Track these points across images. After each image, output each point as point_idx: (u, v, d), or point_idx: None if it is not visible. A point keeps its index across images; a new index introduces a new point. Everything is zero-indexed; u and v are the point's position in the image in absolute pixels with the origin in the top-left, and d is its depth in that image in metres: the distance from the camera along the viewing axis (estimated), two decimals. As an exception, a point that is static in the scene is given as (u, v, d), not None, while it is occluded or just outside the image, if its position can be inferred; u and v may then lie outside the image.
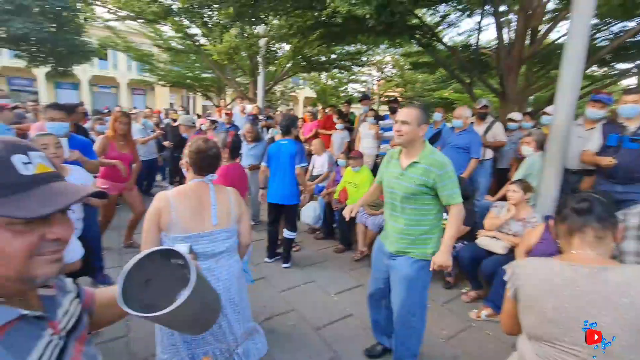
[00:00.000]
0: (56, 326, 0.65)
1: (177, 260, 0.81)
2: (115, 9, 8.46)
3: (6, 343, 0.53)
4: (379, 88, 18.60)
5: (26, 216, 0.51)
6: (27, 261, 0.55)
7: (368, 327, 2.70)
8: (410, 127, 1.87)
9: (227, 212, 1.66)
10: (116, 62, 24.48)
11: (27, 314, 0.57)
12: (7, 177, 0.52)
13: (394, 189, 1.99)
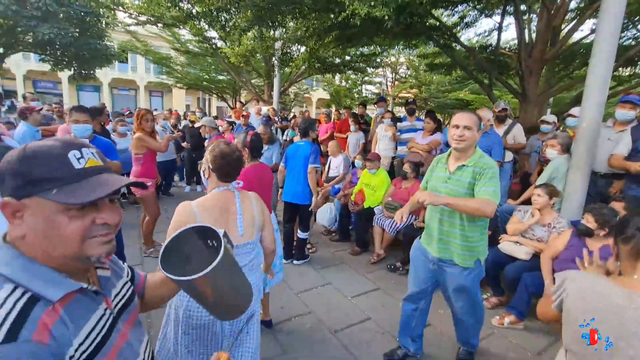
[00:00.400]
0: (109, 303, 0.74)
1: (212, 240, 0.85)
2: (136, 13, 8.68)
3: (68, 309, 0.63)
4: (393, 89, 18.45)
5: (75, 202, 0.60)
6: (82, 242, 0.63)
7: (386, 331, 2.68)
8: (472, 132, 1.87)
9: (251, 221, 1.59)
10: (135, 65, 25.16)
11: (87, 288, 0.67)
12: (64, 171, 0.61)
13: (439, 192, 1.96)
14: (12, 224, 0.62)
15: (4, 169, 0.61)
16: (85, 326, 0.65)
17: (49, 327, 0.58)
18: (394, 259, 3.97)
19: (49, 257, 0.63)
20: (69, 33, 12.37)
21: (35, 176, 0.59)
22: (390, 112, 5.58)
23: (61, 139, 0.65)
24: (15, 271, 0.59)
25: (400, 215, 2.13)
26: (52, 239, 0.61)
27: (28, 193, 0.60)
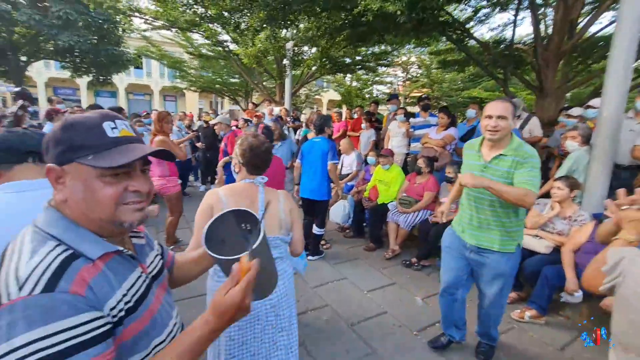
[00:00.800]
0: (145, 268, 0.80)
1: (246, 224, 0.89)
2: (152, 19, 8.93)
3: (109, 266, 0.68)
4: (404, 89, 18.32)
5: (107, 165, 0.64)
6: (115, 207, 0.67)
7: (404, 324, 2.67)
8: (507, 121, 1.81)
9: (276, 219, 1.54)
10: (150, 71, 25.76)
11: (124, 251, 0.72)
12: (99, 139, 0.66)
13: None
14: (56, 189, 0.67)
15: (48, 139, 0.67)
16: (125, 282, 0.70)
17: (88, 280, 0.61)
18: (409, 255, 3.94)
19: (88, 220, 0.68)
20: (88, 40, 12.80)
21: (75, 143, 0.65)
22: (403, 108, 5.55)
23: (98, 112, 0.70)
24: (59, 231, 0.65)
25: (441, 213, 2.18)
26: (89, 202, 0.66)
27: (68, 159, 0.65)
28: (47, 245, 0.62)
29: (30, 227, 0.67)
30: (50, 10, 11.96)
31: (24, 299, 0.54)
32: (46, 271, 0.58)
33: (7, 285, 0.56)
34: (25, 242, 0.63)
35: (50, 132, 0.67)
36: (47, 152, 0.67)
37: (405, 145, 5.24)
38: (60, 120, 0.68)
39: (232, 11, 6.16)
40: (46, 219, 0.66)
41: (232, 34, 8.94)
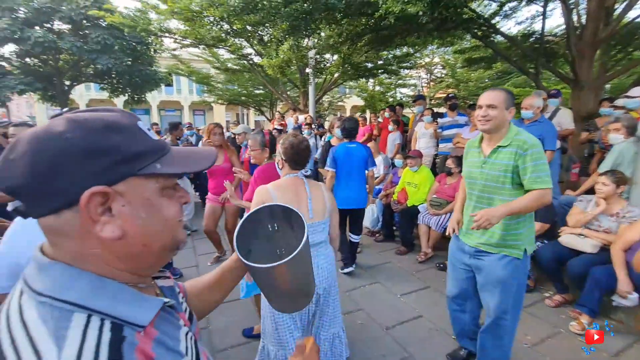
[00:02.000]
0: (185, 319, 0.59)
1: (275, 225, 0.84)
2: (180, 38, 9.40)
3: (160, 328, 0.49)
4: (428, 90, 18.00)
5: (188, 170, 0.51)
6: (176, 226, 0.53)
7: (441, 329, 2.60)
8: (498, 110, 1.73)
9: (322, 206, 1.75)
10: (180, 87, 27.12)
11: (166, 302, 0.52)
12: (147, 142, 0.48)
13: (475, 178, 1.88)
14: (99, 223, 0.44)
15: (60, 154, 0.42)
16: (180, 345, 0.51)
17: (152, 356, 0.44)
18: (442, 257, 3.84)
19: (141, 256, 0.49)
20: (123, 62, 13.72)
21: (129, 150, 0.45)
22: (430, 109, 5.47)
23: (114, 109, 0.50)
24: (85, 294, 0.43)
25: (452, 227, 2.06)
26: (156, 227, 0.49)
27: (122, 174, 0.45)
28: (74, 321, 0.41)
29: (27, 296, 0.43)
30: (90, 36, 12.95)
31: None
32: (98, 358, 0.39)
33: None
34: (31, 325, 0.40)
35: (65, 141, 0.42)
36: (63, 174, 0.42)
37: (433, 146, 5.15)
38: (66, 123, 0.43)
39: (255, 25, 6.38)
40: (54, 280, 0.44)
41: (256, 46, 9.22)
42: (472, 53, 8.91)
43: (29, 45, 12.19)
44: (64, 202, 0.43)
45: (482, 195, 1.86)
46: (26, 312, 0.42)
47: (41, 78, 13.66)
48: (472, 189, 1.92)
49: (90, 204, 0.43)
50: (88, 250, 0.46)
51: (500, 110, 1.73)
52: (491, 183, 1.80)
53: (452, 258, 2.13)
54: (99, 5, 12.14)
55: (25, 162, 0.41)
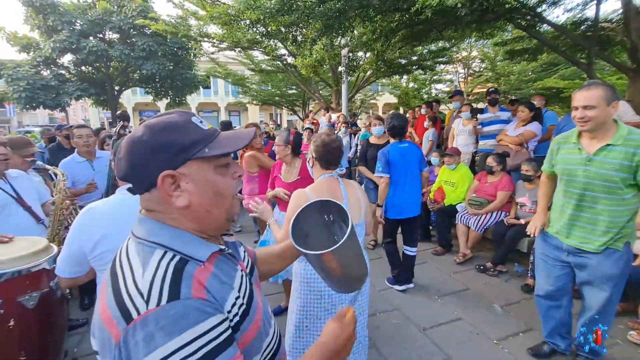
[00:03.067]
0: (243, 266, 0.76)
1: (330, 215, 0.91)
2: (218, 42, 9.79)
3: (218, 266, 0.65)
4: (466, 86, 17.25)
5: (227, 150, 0.64)
6: (232, 199, 0.68)
7: (482, 332, 2.51)
8: (597, 110, 1.65)
9: (357, 206, 1.72)
10: (217, 89, 28.28)
11: (225, 249, 0.70)
12: (199, 132, 0.64)
13: (577, 177, 1.80)
14: (172, 197, 0.62)
15: (145, 150, 0.61)
16: (235, 281, 0.67)
17: (204, 283, 0.59)
18: (482, 259, 3.69)
19: (205, 220, 0.65)
20: (166, 67, 14.54)
21: (184, 142, 0.61)
22: (469, 105, 5.25)
23: (174, 111, 0.67)
24: (164, 238, 0.62)
25: (534, 228, 2.03)
26: (213, 198, 0.65)
27: (182, 160, 0.61)
28: (156, 254, 0.60)
29: (131, 239, 0.65)
30: (136, 44, 13.86)
31: (153, 311, 0.52)
32: (165, 280, 0.56)
33: (133, 300, 0.54)
34: (132, 255, 0.61)
35: (134, 144, 0.61)
36: (143, 165, 0.61)
37: (472, 143, 4.93)
38: (140, 128, 0.63)
39: (290, 26, 6.48)
40: (147, 229, 0.63)
41: (290, 47, 9.38)
42: (515, 44, 8.40)
43: (84, 55, 13.29)
44: (151, 184, 0.61)
45: (584, 194, 1.80)
46: (129, 248, 0.63)
47: (94, 84, 14.85)
48: (571, 187, 1.85)
49: (164, 183, 0.61)
50: (169, 215, 0.64)
51: (599, 109, 1.66)
52: (598, 182, 1.73)
53: (544, 255, 2.08)
54: (144, 15, 12.96)
55: (125, 159, 0.63)
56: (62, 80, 14.26)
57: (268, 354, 0.73)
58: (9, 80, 13.00)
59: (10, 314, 1.33)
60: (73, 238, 1.25)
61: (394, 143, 3.07)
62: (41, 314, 1.40)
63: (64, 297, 1.53)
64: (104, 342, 0.56)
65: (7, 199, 1.82)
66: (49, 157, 4.48)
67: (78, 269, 1.27)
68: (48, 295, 1.42)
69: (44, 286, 1.41)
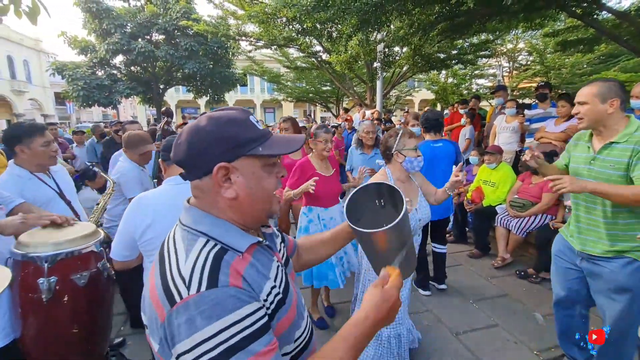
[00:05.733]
0: (279, 257, 0.79)
1: (382, 200, 0.95)
2: (255, 40, 10.03)
3: (255, 257, 0.68)
4: (510, 80, 16.23)
5: (279, 153, 0.68)
6: (273, 196, 0.71)
7: (519, 340, 2.37)
8: (589, 107, 1.62)
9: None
10: (253, 87, 29.11)
11: (263, 242, 0.72)
12: (255, 131, 0.67)
13: (582, 175, 1.71)
14: (223, 187, 0.65)
15: (209, 139, 0.64)
16: (271, 271, 0.70)
17: (241, 272, 0.62)
18: (522, 264, 3.47)
19: (249, 213, 0.69)
20: (206, 66, 15.18)
21: (242, 138, 0.65)
22: (514, 100, 4.93)
23: (234, 108, 0.71)
24: (207, 227, 0.66)
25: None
26: (257, 194, 0.68)
27: (237, 154, 0.64)
28: (199, 242, 0.64)
29: (178, 226, 0.69)
30: (180, 44, 14.60)
31: (194, 296, 0.56)
32: (205, 268, 0.59)
33: (176, 285, 0.58)
34: (177, 241, 0.66)
35: (199, 133, 0.65)
36: (203, 154, 0.65)
37: (516, 141, 4.64)
38: (204, 119, 0.67)
39: (325, 22, 6.47)
40: (192, 217, 0.68)
41: (325, 44, 9.38)
42: (568, 35, 7.74)
43: (134, 55, 14.25)
44: (205, 171, 0.65)
45: (590, 196, 1.70)
46: (176, 235, 0.68)
47: (142, 83, 15.87)
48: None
49: (218, 174, 0.64)
50: (216, 203, 0.68)
51: (592, 106, 1.61)
52: (602, 182, 1.62)
53: (558, 258, 1.96)
54: (187, 16, 13.61)
55: (184, 145, 0.66)
56: (114, 80, 15.41)
57: (299, 345, 0.74)
58: (69, 80, 14.29)
59: (64, 290, 1.46)
60: (124, 225, 1.37)
61: (427, 141, 2.96)
62: (90, 292, 1.53)
63: (109, 278, 1.65)
64: (152, 320, 0.61)
65: (51, 194, 1.91)
66: (102, 150, 4.88)
67: (129, 253, 1.40)
68: (96, 275, 1.55)
69: (92, 267, 1.54)
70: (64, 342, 1.52)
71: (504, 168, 3.91)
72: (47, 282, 1.41)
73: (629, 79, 10.82)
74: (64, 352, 1.54)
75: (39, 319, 1.47)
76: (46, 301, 1.42)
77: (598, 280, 1.74)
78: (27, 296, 1.44)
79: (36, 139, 1.80)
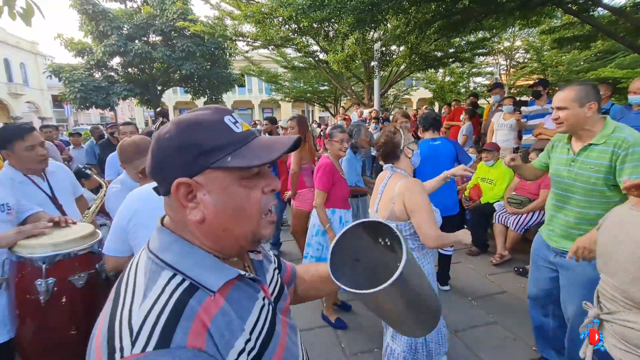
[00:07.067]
0: (267, 291, 0.65)
1: (385, 239, 0.74)
2: (252, 40, 10.03)
3: (230, 299, 0.54)
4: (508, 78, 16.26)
5: (258, 164, 0.52)
6: (259, 217, 0.57)
7: (519, 337, 2.38)
8: (568, 111, 1.62)
9: (388, 202, 1.66)
10: (251, 87, 29.12)
11: (245, 275, 0.58)
12: (229, 136, 0.54)
13: (562, 177, 1.73)
14: (187, 208, 0.54)
15: (166, 148, 0.53)
16: (249, 318, 0.56)
17: (207, 325, 0.49)
18: (521, 261, 3.48)
19: (224, 239, 0.56)
20: (203, 67, 15.16)
21: (206, 145, 0.52)
22: (512, 97, 4.95)
23: (210, 107, 0.58)
24: (174, 257, 0.54)
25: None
26: (234, 215, 0.54)
27: (201, 167, 0.52)
28: (162, 277, 0.51)
29: (144, 251, 0.56)
30: (177, 45, 14.58)
31: (137, 357, 0.44)
32: (160, 318, 0.46)
33: (121, 337, 0.46)
34: (139, 273, 0.53)
35: (160, 140, 0.54)
36: (164, 165, 0.53)
37: (514, 138, 4.65)
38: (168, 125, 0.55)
39: (321, 21, 6.48)
40: (160, 242, 0.56)
41: (321, 43, 9.39)
42: (564, 32, 7.75)
43: (131, 57, 14.22)
44: (167, 188, 0.54)
45: (565, 195, 1.73)
46: (139, 262, 0.56)
47: (139, 85, 15.84)
48: (559, 188, 1.77)
49: (178, 192, 0.53)
50: (186, 226, 0.56)
51: (571, 111, 1.62)
52: (579, 184, 1.65)
53: (534, 254, 1.98)
54: (184, 17, 13.59)
55: (150, 155, 0.56)
56: (111, 82, 15.37)
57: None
58: (66, 82, 14.25)
59: (62, 291, 1.45)
60: (117, 215, 1.37)
61: (425, 139, 2.94)
62: (89, 293, 1.53)
63: (108, 280, 1.65)
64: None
65: (42, 197, 1.87)
66: (99, 152, 4.87)
67: (121, 247, 1.36)
68: (94, 276, 1.55)
69: (90, 267, 1.54)
70: (62, 344, 1.52)
71: (501, 165, 3.92)
72: (44, 284, 1.41)
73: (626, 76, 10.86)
74: (62, 354, 1.53)
75: (36, 321, 1.47)
76: (44, 303, 1.42)
77: (568, 273, 1.74)
78: (25, 297, 1.43)
79: (17, 143, 1.75)
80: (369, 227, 0.73)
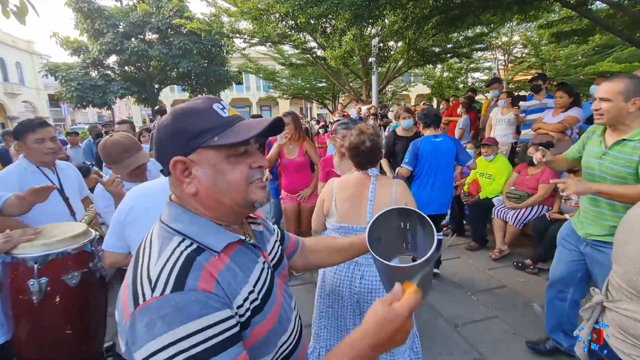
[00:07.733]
0: (266, 257, 0.75)
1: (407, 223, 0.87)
2: (249, 37, 9.96)
3: (234, 258, 0.64)
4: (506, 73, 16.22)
5: (236, 141, 0.61)
6: (247, 186, 0.65)
7: (519, 332, 2.37)
8: (613, 104, 1.58)
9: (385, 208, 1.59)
10: (249, 85, 29.00)
11: (246, 240, 0.68)
12: (216, 120, 0.63)
13: (593, 169, 1.71)
14: (184, 183, 0.63)
15: (162, 135, 0.64)
16: (252, 274, 0.66)
17: (215, 275, 0.58)
18: (520, 256, 3.47)
19: (218, 208, 0.66)
20: (200, 64, 15.08)
21: (195, 129, 0.61)
22: (509, 92, 4.93)
23: (201, 97, 0.68)
24: (183, 225, 0.63)
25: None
26: (222, 187, 0.64)
27: (193, 147, 0.61)
28: (173, 241, 0.61)
29: (157, 223, 0.67)
30: (173, 43, 14.48)
31: (157, 299, 0.53)
32: (173, 269, 0.56)
33: (142, 286, 0.56)
34: (154, 240, 0.63)
35: (159, 129, 0.65)
36: (164, 149, 0.64)
37: (512, 133, 4.63)
38: (166, 115, 0.66)
39: (318, 17, 6.43)
40: (170, 214, 0.66)
41: (319, 39, 9.33)
42: (562, 26, 7.73)
43: (127, 55, 14.13)
44: (168, 168, 0.64)
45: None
46: (154, 232, 0.66)
47: (136, 83, 15.75)
48: (586, 179, 1.77)
49: (175, 169, 0.63)
50: (187, 199, 0.66)
51: (614, 104, 1.57)
52: (609, 177, 1.63)
53: (564, 241, 1.98)
54: (180, 14, 13.49)
55: (154, 142, 0.67)
56: (108, 80, 15.28)
57: (283, 353, 0.70)
58: (62, 81, 14.16)
59: (55, 291, 1.44)
60: (116, 211, 1.36)
61: (427, 136, 2.96)
62: (82, 292, 1.51)
63: (102, 278, 1.63)
64: (120, 320, 0.59)
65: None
66: (97, 151, 4.84)
67: (119, 243, 1.34)
68: (88, 275, 1.53)
69: (84, 266, 1.52)
70: (57, 344, 1.51)
71: (500, 160, 3.91)
72: (37, 284, 1.39)
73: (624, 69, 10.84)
74: (58, 354, 1.52)
75: (30, 321, 1.45)
76: (37, 303, 1.40)
77: (600, 268, 1.74)
78: (18, 298, 1.42)
79: (28, 135, 1.83)
80: (399, 212, 0.87)
